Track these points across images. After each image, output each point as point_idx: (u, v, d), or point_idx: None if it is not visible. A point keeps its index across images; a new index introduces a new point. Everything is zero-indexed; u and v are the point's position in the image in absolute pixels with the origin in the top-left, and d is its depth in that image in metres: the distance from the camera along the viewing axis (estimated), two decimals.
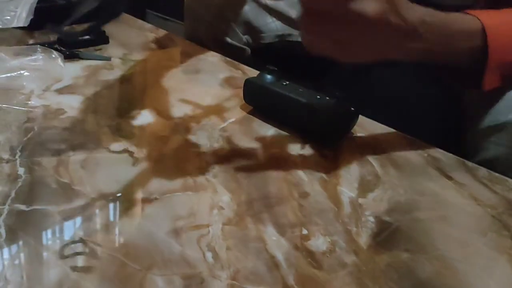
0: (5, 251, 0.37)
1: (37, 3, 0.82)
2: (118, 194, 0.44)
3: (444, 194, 0.51)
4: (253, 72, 0.73)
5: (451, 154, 0.58)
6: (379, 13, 0.42)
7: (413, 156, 0.57)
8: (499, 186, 0.52)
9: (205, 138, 0.55)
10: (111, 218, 0.41)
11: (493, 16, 0.54)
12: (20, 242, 0.38)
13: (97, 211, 0.42)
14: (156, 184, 0.46)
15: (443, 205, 0.49)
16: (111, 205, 0.43)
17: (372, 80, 0.83)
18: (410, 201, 0.48)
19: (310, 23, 0.44)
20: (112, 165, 0.48)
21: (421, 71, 0.71)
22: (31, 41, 0.78)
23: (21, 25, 0.76)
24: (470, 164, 0.56)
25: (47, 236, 0.39)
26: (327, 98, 0.58)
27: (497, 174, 0.55)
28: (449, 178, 0.54)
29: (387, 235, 0.43)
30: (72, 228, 0.40)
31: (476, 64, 0.54)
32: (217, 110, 0.62)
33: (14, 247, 0.37)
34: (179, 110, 0.60)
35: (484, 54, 0.52)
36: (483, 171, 0.55)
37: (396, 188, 0.50)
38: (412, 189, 0.51)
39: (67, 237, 0.39)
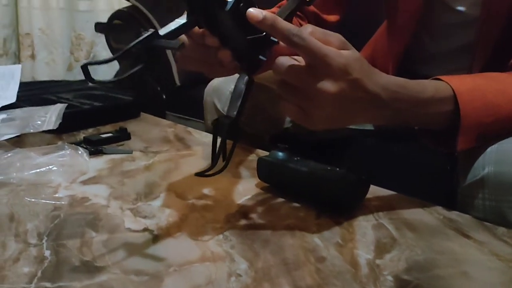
0: None
1: (66, 109, 0.89)
2: (139, 268, 0.45)
3: (463, 252, 0.50)
4: None
5: (467, 215, 0.59)
6: (336, 93, 0.48)
7: (429, 219, 0.57)
8: None
9: (223, 214, 0.57)
10: None
11: (464, 81, 0.57)
12: None
13: (118, 284, 0.43)
14: (175, 258, 0.47)
15: (463, 262, 0.48)
16: (132, 278, 0.44)
17: (382, 154, 0.86)
18: (429, 259, 0.48)
19: (283, 91, 0.50)
20: (133, 243, 0.50)
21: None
22: (59, 143, 0.84)
23: (50, 128, 0.82)
24: (488, 224, 0.56)
25: None
26: (338, 169, 0.60)
27: None
28: (468, 237, 0.54)
29: None
30: None
31: (449, 127, 0.56)
32: (234, 189, 0.64)
33: None
34: (197, 191, 0.63)
35: (456, 117, 0.55)
36: (502, 229, 0.55)
37: (413, 248, 0.50)
38: (430, 248, 0.51)
39: None
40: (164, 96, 1.51)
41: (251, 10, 0.48)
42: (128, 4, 1.62)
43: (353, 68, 0.48)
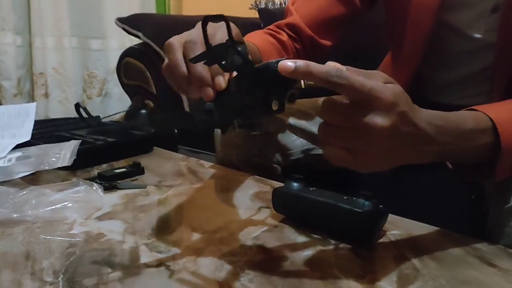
0: None
1: (80, 145, 0.90)
2: None
3: (489, 281, 0.49)
4: None
5: (488, 243, 0.57)
6: (390, 126, 0.45)
7: (451, 248, 0.56)
8: None
9: (239, 247, 0.56)
10: None
11: (499, 110, 0.56)
12: None
13: None
14: None
15: None
16: None
17: (402, 187, 0.85)
18: None
19: (328, 135, 0.47)
20: (150, 279, 0.49)
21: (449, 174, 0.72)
22: (74, 179, 0.84)
23: (65, 164, 0.83)
24: None
25: None
26: (354, 198, 0.59)
27: None
28: (492, 265, 0.52)
29: None
30: None
31: (488, 157, 0.54)
32: (249, 221, 0.64)
33: None
34: (212, 224, 0.62)
35: (496, 147, 0.53)
36: None
37: (437, 279, 0.49)
38: (454, 279, 0.49)
39: None
40: (176, 130, 1.52)
41: (283, 62, 0.44)
42: (139, 41, 1.65)
43: (400, 100, 0.46)
